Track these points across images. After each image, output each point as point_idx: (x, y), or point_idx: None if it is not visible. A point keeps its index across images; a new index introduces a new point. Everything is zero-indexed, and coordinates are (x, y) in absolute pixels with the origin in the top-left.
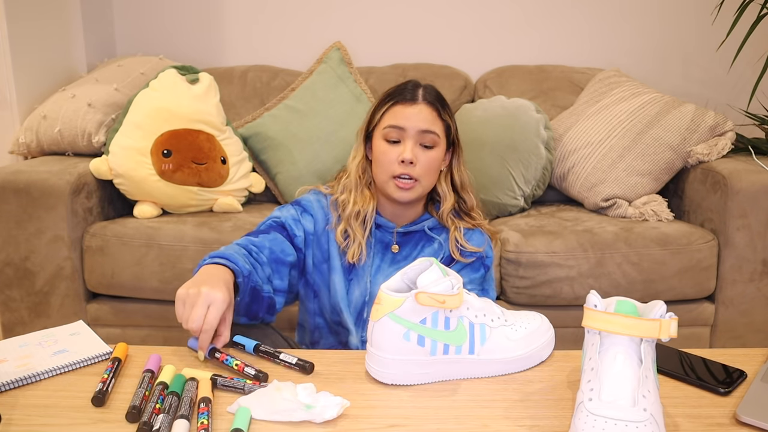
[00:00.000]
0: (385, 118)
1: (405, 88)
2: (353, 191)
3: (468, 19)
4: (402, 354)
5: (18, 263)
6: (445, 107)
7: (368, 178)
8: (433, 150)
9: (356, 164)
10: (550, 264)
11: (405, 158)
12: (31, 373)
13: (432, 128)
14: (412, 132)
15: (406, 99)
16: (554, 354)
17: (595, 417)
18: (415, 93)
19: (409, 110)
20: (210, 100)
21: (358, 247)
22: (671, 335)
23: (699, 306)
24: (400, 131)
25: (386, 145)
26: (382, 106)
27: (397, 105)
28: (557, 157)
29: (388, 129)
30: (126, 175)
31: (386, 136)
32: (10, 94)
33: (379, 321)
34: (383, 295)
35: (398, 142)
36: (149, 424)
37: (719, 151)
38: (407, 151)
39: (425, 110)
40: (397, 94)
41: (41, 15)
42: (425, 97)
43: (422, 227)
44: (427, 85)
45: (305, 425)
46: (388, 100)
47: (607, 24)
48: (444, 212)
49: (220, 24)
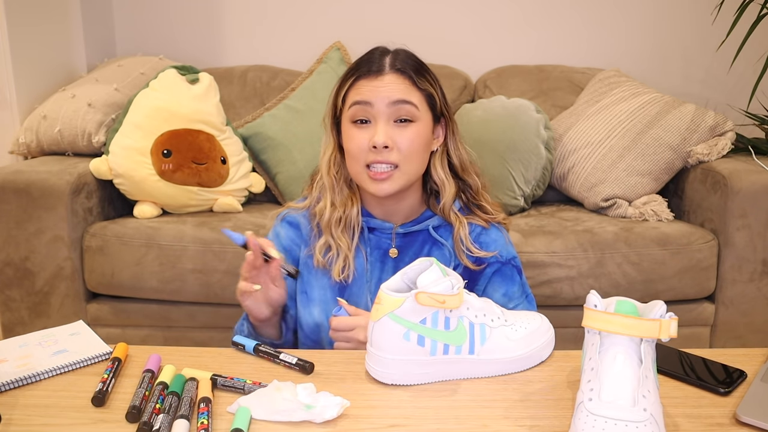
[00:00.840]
0: (349, 97)
1: (370, 58)
2: (329, 193)
3: (468, 19)
4: (402, 354)
5: (18, 263)
6: (422, 73)
7: (346, 174)
8: (413, 125)
9: (327, 159)
10: (550, 264)
11: (376, 142)
12: (31, 373)
13: (405, 97)
14: (381, 106)
15: (372, 71)
16: (554, 354)
17: (595, 417)
18: (381, 62)
19: (375, 83)
20: (210, 100)
21: (344, 261)
22: (671, 335)
23: (699, 306)
24: (367, 107)
25: (354, 129)
26: (345, 82)
27: (362, 79)
28: (557, 157)
29: (354, 108)
30: (126, 175)
31: (353, 116)
32: (10, 94)
33: (379, 321)
34: (383, 295)
35: (367, 122)
36: (149, 424)
37: (719, 151)
38: (379, 133)
39: (395, 80)
40: (359, 66)
41: (41, 15)
42: (393, 64)
43: (426, 227)
44: (397, 50)
45: (305, 425)
46: (351, 74)
47: (607, 24)
48: (445, 205)
49: (220, 24)
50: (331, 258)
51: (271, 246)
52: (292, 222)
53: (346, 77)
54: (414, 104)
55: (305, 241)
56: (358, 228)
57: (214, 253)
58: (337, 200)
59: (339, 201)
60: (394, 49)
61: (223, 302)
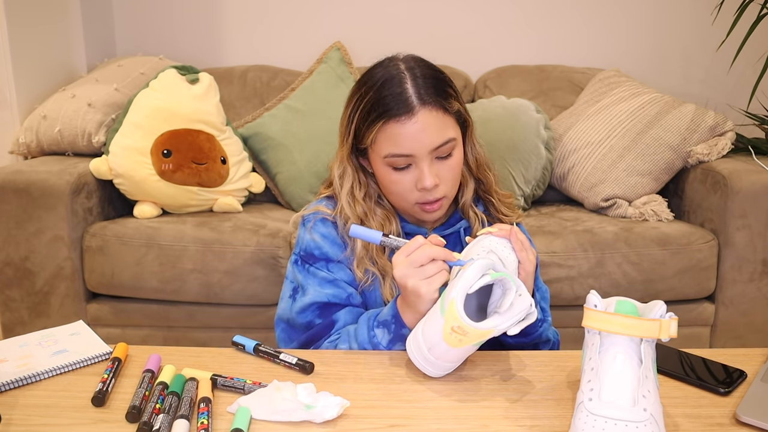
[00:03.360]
0: (381, 143)
1: (390, 93)
2: (363, 220)
3: (468, 19)
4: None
5: (18, 263)
6: (447, 92)
7: (373, 193)
8: (454, 154)
9: (348, 192)
10: (550, 264)
11: (426, 186)
12: (31, 373)
13: (445, 137)
14: (423, 154)
15: (401, 112)
16: (554, 354)
17: (595, 417)
18: (406, 98)
19: (410, 128)
20: (210, 100)
21: (391, 280)
22: (671, 335)
23: (699, 306)
24: (408, 158)
25: (395, 174)
26: (372, 125)
27: (390, 122)
28: (557, 157)
29: (392, 158)
30: (126, 175)
31: (391, 164)
32: (10, 94)
33: (462, 349)
34: (468, 328)
35: (409, 165)
36: (149, 424)
37: (719, 151)
38: (425, 178)
39: (429, 119)
40: (385, 106)
41: (41, 15)
42: (420, 96)
43: (457, 229)
44: (413, 68)
45: (305, 425)
46: (376, 116)
47: (607, 24)
48: (465, 203)
49: (220, 24)
50: (373, 278)
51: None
52: (326, 221)
53: (369, 116)
54: (453, 138)
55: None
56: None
57: (214, 253)
58: (373, 225)
59: (376, 225)
60: (406, 65)
61: (223, 302)
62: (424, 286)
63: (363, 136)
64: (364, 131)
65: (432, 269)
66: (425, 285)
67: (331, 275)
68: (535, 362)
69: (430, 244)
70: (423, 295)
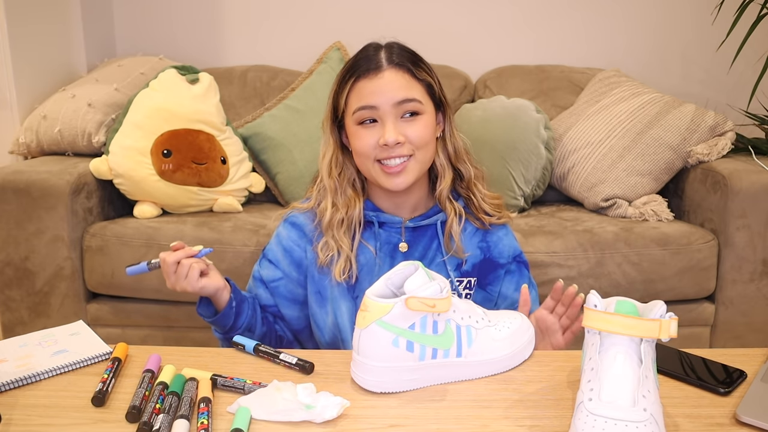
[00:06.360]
0: (351, 100)
1: (365, 56)
2: (331, 195)
3: (468, 19)
4: (391, 361)
5: (18, 263)
6: (419, 64)
7: (350, 174)
8: (420, 117)
9: (328, 162)
10: (550, 264)
11: (387, 141)
12: (31, 373)
13: (409, 95)
14: (387, 107)
15: (370, 69)
16: (554, 354)
17: (595, 417)
18: (377, 58)
19: (376, 83)
20: (210, 100)
21: (345, 261)
22: (671, 335)
23: (699, 306)
24: (373, 110)
25: (362, 130)
26: (344, 85)
27: (361, 79)
28: (557, 157)
29: (359, 112)
30: (126, 175)
31: (358, 119)
32: (10, 94)
33: (367, 328)
34: (370, 302)
35: (374, 121)
36: (149, 424)
37: (719, 151)
38: (388, 132)
39: (395, 76)
40: (356, 66)
41: (41, 15)
42: (390, 59)
43: (434, 221)
44: (390, 43)
45: (305, 425)
46: (348, 76)
47: (607, 24)
48: (442, 191)
49: (220, 24)
50: (331, 258)
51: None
52: (294, 223)
53: (344, 78)
54: (417, 99)
55: (310, 241)
56: (360, 228)
57: (214, 253)
58: (340, 201)
59: (341, 202)
60: (386, 42)
61: None
62: (187, 284)
63: (339, 102)
64: (340, 95)
65: (183, 269)
66: (186, 283)
67: (258, 271)
68: (535, 362)
69: (168, 253)
70: (192, 289)
